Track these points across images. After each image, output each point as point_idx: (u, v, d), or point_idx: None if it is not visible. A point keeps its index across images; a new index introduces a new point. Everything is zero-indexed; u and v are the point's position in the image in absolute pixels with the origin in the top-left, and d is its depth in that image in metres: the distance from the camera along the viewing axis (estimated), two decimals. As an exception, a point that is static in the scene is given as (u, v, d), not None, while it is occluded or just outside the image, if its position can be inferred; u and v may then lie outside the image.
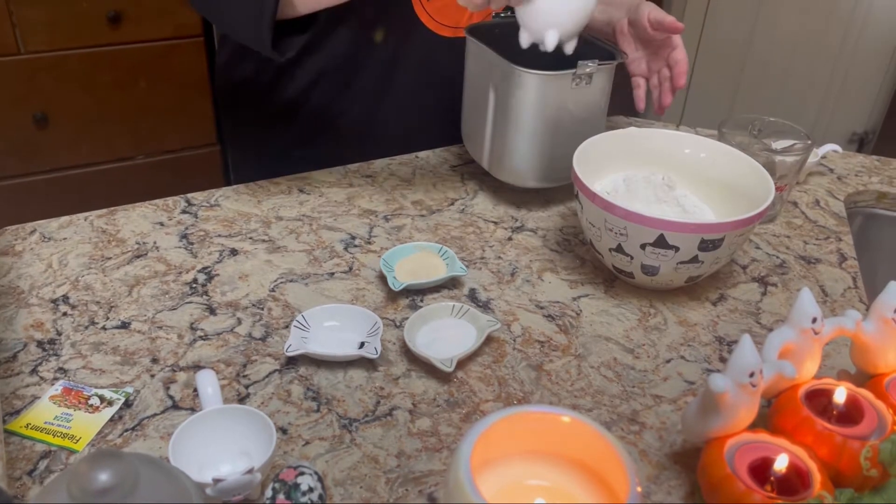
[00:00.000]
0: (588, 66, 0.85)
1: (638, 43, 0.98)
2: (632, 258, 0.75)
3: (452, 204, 0.95)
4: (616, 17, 0.98)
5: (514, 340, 0.72)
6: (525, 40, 0.76)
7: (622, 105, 1.12)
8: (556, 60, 0.87)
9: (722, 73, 2.89)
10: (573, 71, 0.85)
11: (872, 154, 1.20)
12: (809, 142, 0.91)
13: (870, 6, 2.56)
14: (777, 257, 0.88)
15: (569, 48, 0.77)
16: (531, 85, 0.85)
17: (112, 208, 0.89)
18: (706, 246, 0.72)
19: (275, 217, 0.89)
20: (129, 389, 0.64)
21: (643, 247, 0.73)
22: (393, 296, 0.77)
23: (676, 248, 0.72)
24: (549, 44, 0.75)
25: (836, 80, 2.72)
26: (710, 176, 0.86)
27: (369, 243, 0.86)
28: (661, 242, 0.71)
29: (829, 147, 1.09)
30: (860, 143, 2.77)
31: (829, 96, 2.76)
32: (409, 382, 0.66)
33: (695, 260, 0.73)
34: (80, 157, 1.98)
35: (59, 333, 0.70)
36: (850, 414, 0.55)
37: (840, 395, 0.55)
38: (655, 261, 0.73)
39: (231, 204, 0.91)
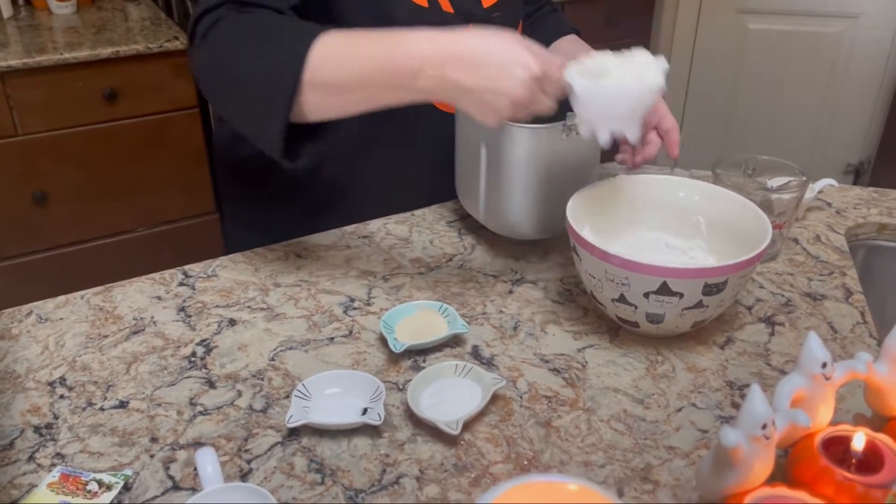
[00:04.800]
0: (577, 117, 0.85)
1: None
2: (636, 308, 0.73)
3: (451, 260, 0.94)
4: None
5: (521, 397, 0.71)
6: (584, 131, 0.76)
7: (615, 151, 1.12)
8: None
9: (713, 114, 2.92)
10: (563, 123, 0.85)
11: (869, 184, 1.20)
12: (805, 178, 0.91)
13: (854, 37, 2.60)
14: (782, 296, 0.87)
15: (630, 137, 0.75)
16: (522, 139, 0.85)
17: (108, 285, 0.88)
18: (710, 290, 0.71)
19: (272, 284, 0.88)
20: (129, 472, 0.62)
21: (647, 295, 0.72)
22: (394, 358, 0.76)
23: (681, 295, 0.71)
24: (602, 142, 0.75)
25: (826, 113, 2.75)
26: (705, 218, 0.85)
27: (368, 305, 0.85)
28: (664, 290, 0.70)
29: (826, 181, 1.08)
30: (856, 175, 2.78)
31: (820, 130, 2.78)
32: (414, 448, 0.65)
33: (700, 305, 0.72)
34: (80, 233, 1.98)
35: (57, 417, 0.68)
36: (870, 461, 0.53)
37: (858, 442, 0.54)
38: (660, 308, 0.72)
39: (228, 273, 0.91)
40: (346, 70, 0.72)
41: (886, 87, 2.61)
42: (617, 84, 0.71)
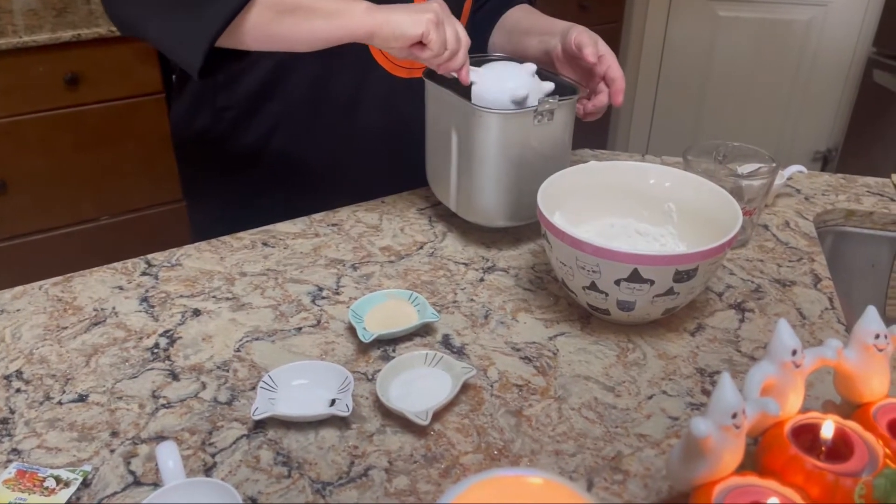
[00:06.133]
0: (549, 102, 0.84)
1: (574, 66, 0.97)
2: (606, 295, 0.73)
3: (421, 248, 0.93)
4: (552, 45, 0.98)
5: (492, 386, 0.70)
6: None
7: (587, 138, 1.11)
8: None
9: (683, 101, 2.94)
10: (534, 108, 0.84)
11: (837, 171, 1.21)
12: (774, 164, 0.91)
13: (823, 25, 2.62)
14: (752, 282, 0.87)
15: (531, 100, 0.85)
16: (493, 124, 0.84)
17: (68, 275, 0.85)
18: (681, 277, 0.70)
19: (238, 273, 0.87)
20: (87, 468, 0.60)
21: (617, 282, 0.71)
22: (364, 347, 0.74)
23: (651, 282, 0.70)
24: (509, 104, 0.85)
25: (795, 100, 2.78)
26: (676, 205, 0.85)
27: (337, 294, 0.83)
28: (635, 277, 0.70)
29: (795, 168, 1.09)
30: (824, 162, 2.81)
31: (789, 117, 2.81)
32: (383, 439, 0.64)
33: (670, 292, 0.71)
34: (42, 222, 1.94)
35: (13, 412, 0.66)
36: (840, 449, 0.53)
37: (828, 430, 0.53)
38: (631, 296, 0.72)
39: (193, 262, 0.89)
40: None
41: (854, 76, 2.64)
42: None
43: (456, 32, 0.81)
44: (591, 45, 0.92)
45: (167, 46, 0.83)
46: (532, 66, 0.87)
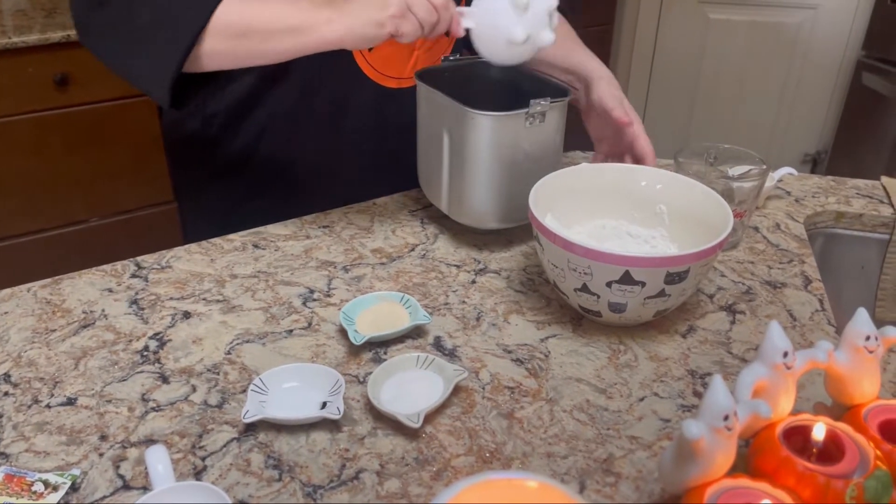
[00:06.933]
0: (540, 105, 0.84)
1: (601, 120, 0.97)
2: (598, 297, 0.73)
3: (413, 250, 0.93)
4: (577, 94, 0.97)
5: (483, 388, 0.70)
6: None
7: (578, 141, 1.11)
8: (509, 100, 0.86)
9: (674, 103, 2.95)
10: (526, 110, 0.84)
11: (827, 174, 1.21)
12: (765, 166, 0.92)
13: (812, 28, 2.64)
14: (743, 284, 0.88)
15: (532, 41, 0.80)
16: (485, 126, 0.84)
17: (57, 277, 0.85)
18: (672, 279, 0.70)
19: (229, 275, 0.86)
20: (76, 471, 0.60)
21: (609, 284, 0.71)
22: (355, 350, 0.74)
23: (643, 284, 0.70)
24: (518, 36, 0.79)
25: (785, 103, 2.79)
26: (667, 207, 0.85)
27: (328, 296, 0.83)
28: (626, 279, 0.70)
29: (785, 170, 1.09)
30: (813, 164, 2.83)
31: (779, 120, 2.82)
32: (375, 442, 0.63)
33: (662, 293, 0.71)
34: (31, 223, 1.92)
35: (1, 415, 0.65)
36: (831, 450, 0.53)
37: (819, 432, 0.54)
38: (622, 297, 0.72)
39: (183, 265, 0.88)
40: (243, 16, 0.78)
41: (843, 79, 2.66)
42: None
43: (427, 4, 0.76)
44: (618, 106, 0.92)
45: (135, 83, 0.85)
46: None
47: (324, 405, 0.65)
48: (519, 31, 0.78)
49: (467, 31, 0.81)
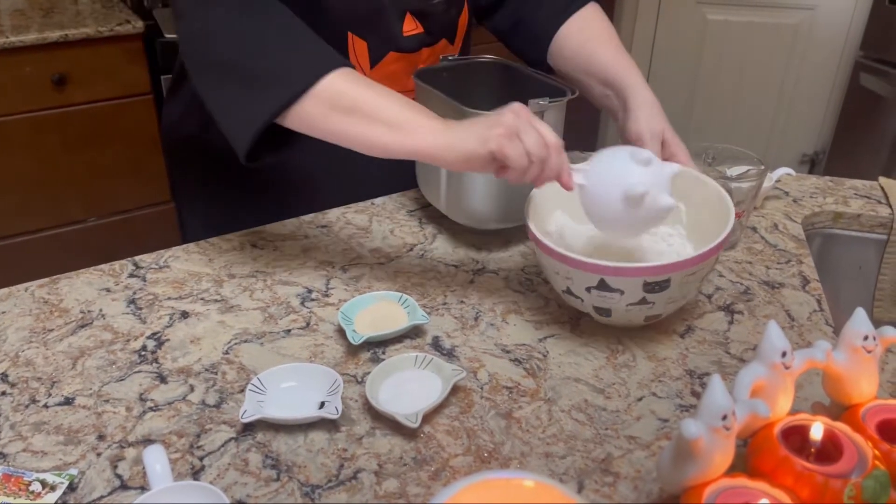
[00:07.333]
0: (539, 104, 0.84)
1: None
2: (582, 300, 0.73)
3: (411, 250, 0.93)
4: (614, 109, 0.95)
5: (482, 388, 0.70)
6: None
7: (577, 141, 1.11)
8: (508, 100, 0.86)
9: (673, 104, 2.95)
10: (524, 110, 0.84)
11: (824, 174, 1.21)
12: (763, 167, 0.92)
13: (810, 29, 2.64)
14: (741, 284, 0.88)
15: (652, 198, 0.72)
16: (483, 126, 0.84)
17: (54, 277, 0.85)
18: (652, 288, 0.69)
19: (227, 275, 0.86)
20: (74, 471, 0.60)
21: (588, 290, 0.71)
22: (353, 350, 0.74)
23: (621, 291, 0.70)
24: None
25: (783, 104, 2.79)
26: (686, 205, 0.83)
27: (327, 296, 0.83)
28: (603, 286, 0.70)
29: (783, 170, 1.09)
30: (811, 164, 2.83)
31: (777, 120, 2.82)
32: (373, 442, 0.63)
33: (644, 301, 0.71)
34: (29, 223, 1.92)
35: (-2, 415, 0.65)
36: (829, 450, 0.53)
37: (817, 431, 0.54)
38: (604, 303, 0.72)
39: (181, 264, 0.88)
40: (355, 93, 0.75)
41: (841, 79, 2.66)
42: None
43: (539, 137, 0.70)
44: (653, 141, 0.87)
45: (219, 123, 0.80)
46: (647, 154, 0.72)
47: (322, 405, 0.65)
48: (637, 182, 0.70)
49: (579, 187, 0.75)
